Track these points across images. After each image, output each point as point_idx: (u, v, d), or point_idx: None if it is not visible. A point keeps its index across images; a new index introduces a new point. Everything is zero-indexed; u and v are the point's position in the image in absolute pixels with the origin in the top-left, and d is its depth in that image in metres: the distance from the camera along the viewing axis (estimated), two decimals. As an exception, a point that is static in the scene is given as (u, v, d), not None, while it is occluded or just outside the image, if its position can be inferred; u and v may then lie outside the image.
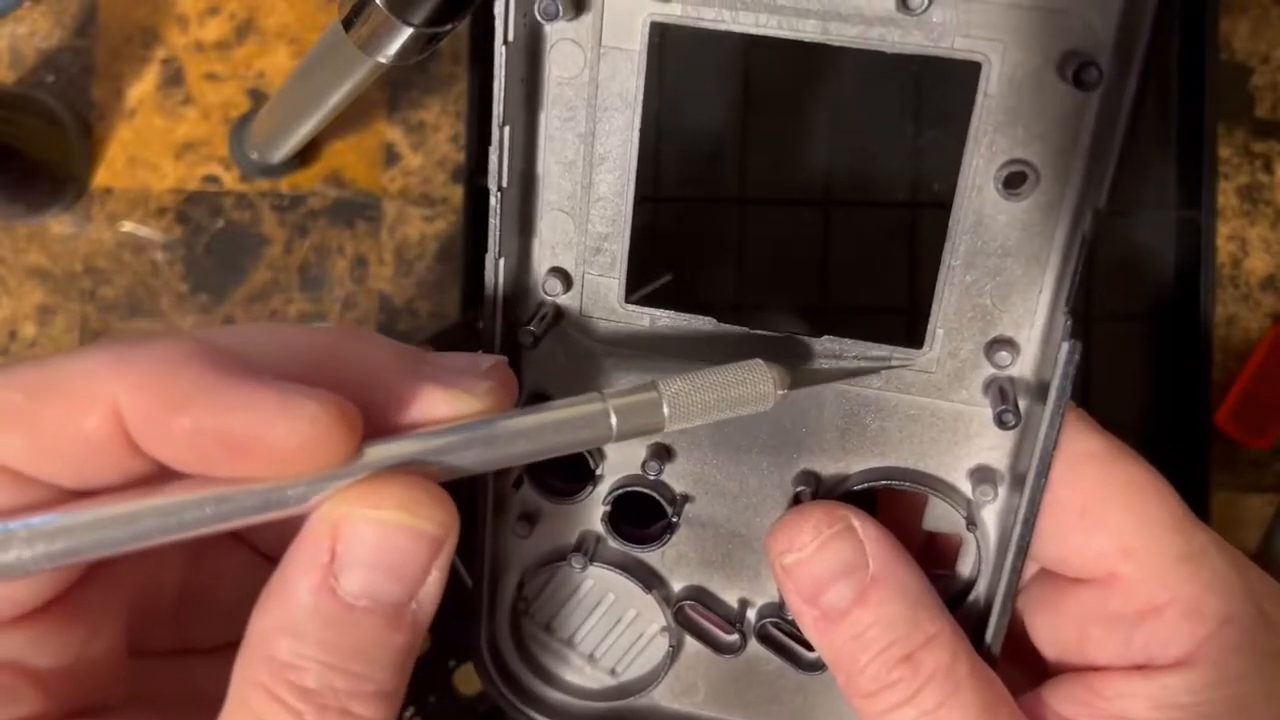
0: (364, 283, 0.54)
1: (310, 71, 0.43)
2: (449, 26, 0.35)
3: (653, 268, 0.48)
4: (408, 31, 0.35)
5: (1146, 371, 0.52)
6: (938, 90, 0.51)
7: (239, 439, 0.20)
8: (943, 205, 0.51)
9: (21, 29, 0.55)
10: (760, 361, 0.24)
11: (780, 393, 0.24)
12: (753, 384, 0.24)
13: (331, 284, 0.54)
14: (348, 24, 0.36)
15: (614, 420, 0.22)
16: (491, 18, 0.25)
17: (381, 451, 0.21)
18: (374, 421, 0.22)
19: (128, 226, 0.55)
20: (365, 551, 0.21)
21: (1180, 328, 0.51)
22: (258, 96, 0.55)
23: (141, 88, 0.55)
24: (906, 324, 0.50)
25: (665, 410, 0.23)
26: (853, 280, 0.51)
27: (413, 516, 0.21)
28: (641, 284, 0.28)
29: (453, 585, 0.23)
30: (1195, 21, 0.50)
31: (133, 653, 0.25)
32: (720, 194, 0.51)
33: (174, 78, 0.55)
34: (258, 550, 0.27)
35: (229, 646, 0.22)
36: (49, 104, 0.53)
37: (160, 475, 0.21)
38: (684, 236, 0.51)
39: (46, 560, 0.20)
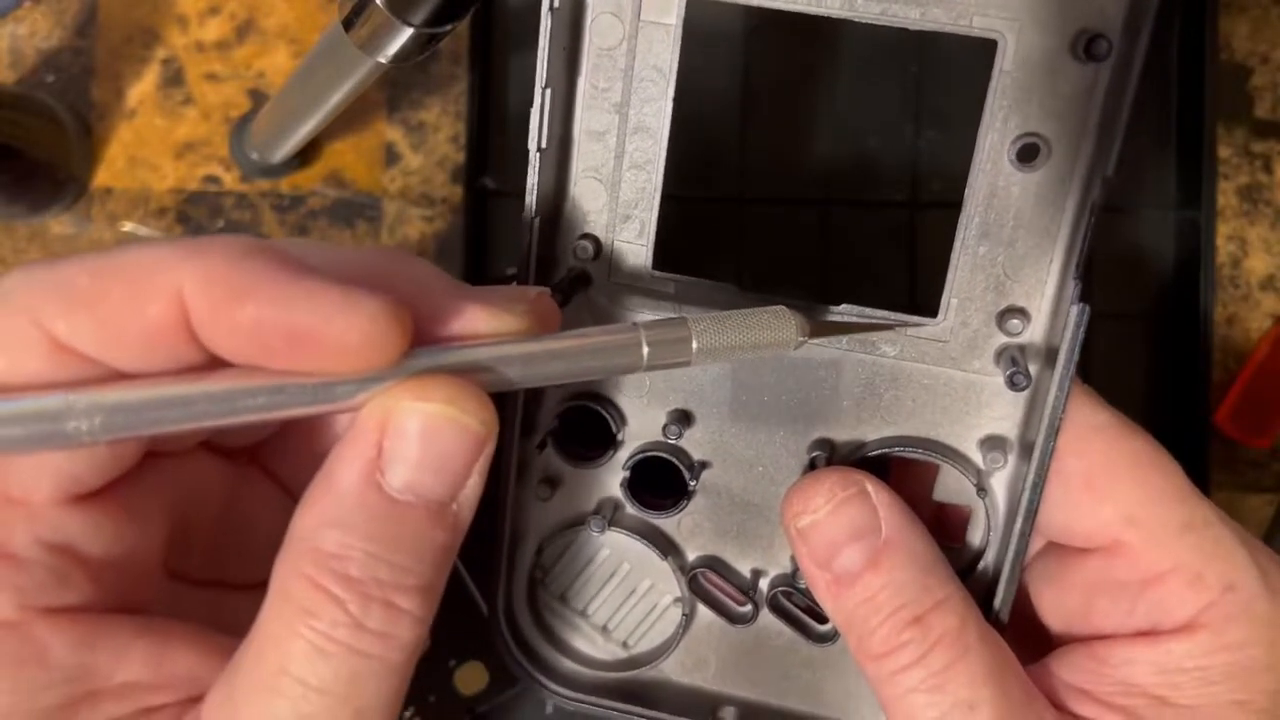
0: (364, 283, 0.54)
1: (310, 72, 0.43)
2: (449, 27, 0.35)
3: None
4: (408, 32, 0.35)
5: (1146, 371, 0.52)
6: (938, 90, 0.51)
7: (301, 331, 0.20)
8: (943, 205, 0.51)
9: (21, 29, 0.55)
10: (784, 308, 0.25)
11: (801, 339, 0.25)
12: (777, 328, 0.25)
13: (331, 284, 0.54)
14: (348, 24, 0.36)
15: (645, 350, 0.23)
16: (491, 20, 0.25)
17: (428, 358, 0.22)
18: (419, 335, 0.23)
19: (128, 226, 0.55)
20: (412, 445, 0.21)
21: (1180, 328, 0.51)
22: (258, 97, 0.55)
23: (141, 88, 0.55)
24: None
25: (694, 345, 0.24)
26: (852, 280, 0.51)
27: (460, 411, 0.21)
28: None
29: (453, 584, 0.23)
30: (1195, 21, 0.50)
31: (171, 575, 0.26)
32: (719, 193, 0.51)
33: (174, 78, 0.55)
34: (292, 493, 0.28)
35: (259, 586, 0.22)
36: (49, 104, 0.53)
37: (210, 370, 0.22)
38: (683, 235, 0.51)
39: (104, 432, 0.21)
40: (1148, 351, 0.52)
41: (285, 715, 0.21)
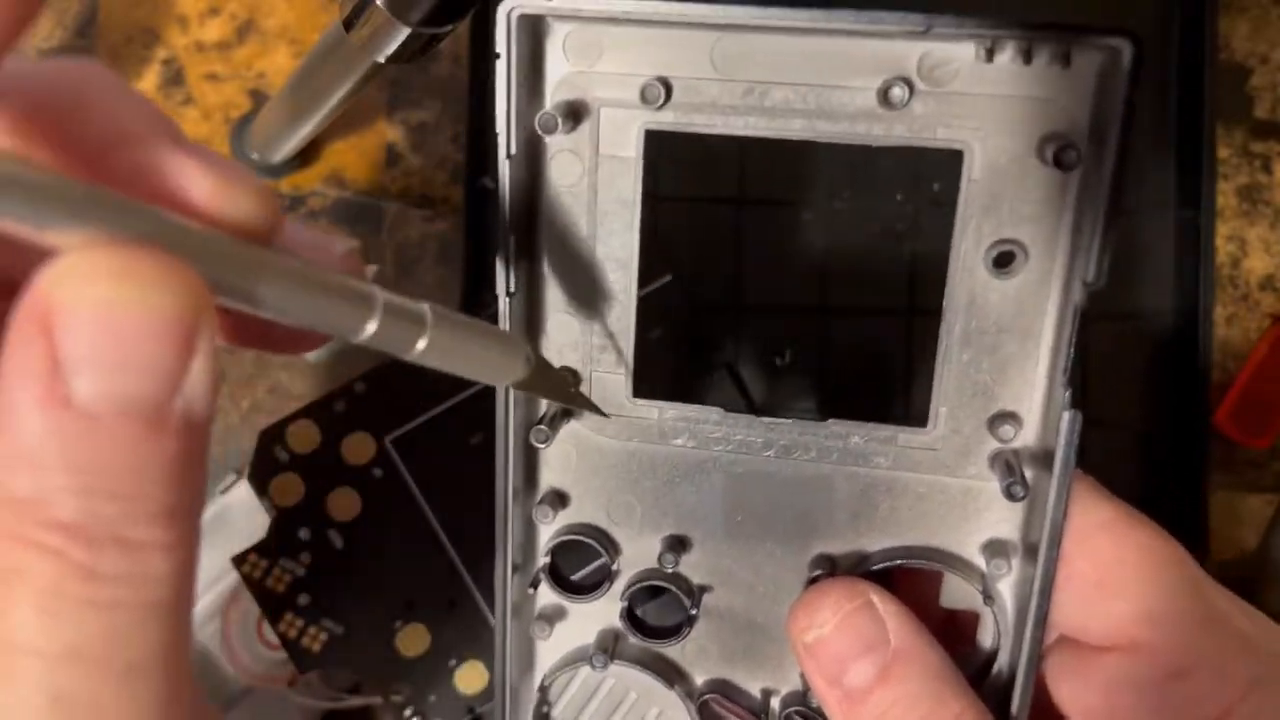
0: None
1: (310, 72, 0.43)
2: (449, 27, 0.35)
3: (653, 267, 0.48)
4: (407, 32, 0.35)
5: (1145, 371, 0.52)
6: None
7: None
8: (943, 205, 0.51)
9: (22, 29, 0.55)
10: (521, 340, 0.24)
11: (515, 376, 0.23)
12: (505, 355, 0.23)
13: (332, 284, 0.54)
14: (348, 24, 0.36)
15: (374, 322, 0.20)
16: (491, 20, 0.25)
17: (114, 212, 0.16)
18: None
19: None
20: (92, 344, 0.16)
21: (1179, 327, 0.51)
22: (258, 97, 0.55)
23: (142, 88, 0.55)
24: (906, 324, 0.50)
25: (425, 338, 0.21)
26: (852, 281, 0.51)
27: (142, 287, 0.16)
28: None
29: (455, 587, 0.22)
30: (1195, 21, 0.50)
31: None
32: (719, 195, 0.51)
33: (174, 78, 0.55)
34: None
35: None
36: (49, 104, 0.53)
37: None
38: (683, 236, 0.51)
39: None
40: (1148, 351, 0.52)
41: (34, 701, 0.17)
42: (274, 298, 0.18)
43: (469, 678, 0.43)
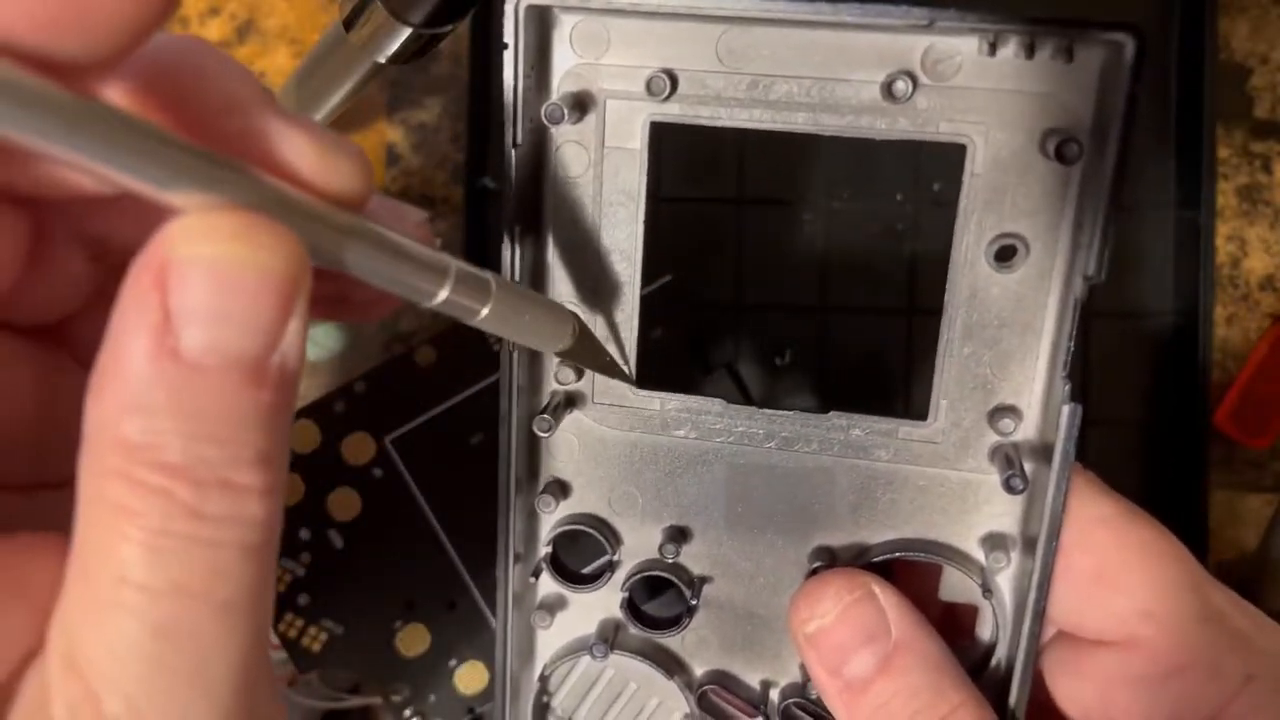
0: (364, 283, 0.54)
1: (310, 72, 0.43)
2: (449, 27, 0.35)
3: (653, 267, 0.48)
4: (407, 32, 0.35)
5: (1145, 371, 0.52)
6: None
7: None
8: (943, 204, 0.51)
9: (21, 29, 0.55)
10: (569, 311, 0.25)
11: (563, 344, 0.24)
12: (556, 324, 0.24)
13: (331, 284, 0.54)
14: (348, 24, 0.36)
15: (447, 289, 0.21)
16: (491, 19, 0.25)
17: (231, 177, 0.17)
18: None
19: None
20: (202, 299, 0.17)
21: (1179, 327, 0.51)
22: (258, 97, 0.55)
23: (141, 88, 0.55)
24: (905, 324, 0.50)
25: (489, 306, 0.22)
26: (852, 280, 0.51)
27: (253, 250, 0.17)
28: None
29: (457, 588, 0.22)
30: (1194, 21, 0.50)
31: None
32: (718, 195, 0.51)
33: (174, 78, 0.55)
34: None
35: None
36: (49, 104, 0.53)
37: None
38: (683, 236, 0.51)
39: None
40: (1148, 351, 0.52)
41: (137, 632, 0.17)
42: (363, 263, 0.19)
43: (469, 678, 0.43)
